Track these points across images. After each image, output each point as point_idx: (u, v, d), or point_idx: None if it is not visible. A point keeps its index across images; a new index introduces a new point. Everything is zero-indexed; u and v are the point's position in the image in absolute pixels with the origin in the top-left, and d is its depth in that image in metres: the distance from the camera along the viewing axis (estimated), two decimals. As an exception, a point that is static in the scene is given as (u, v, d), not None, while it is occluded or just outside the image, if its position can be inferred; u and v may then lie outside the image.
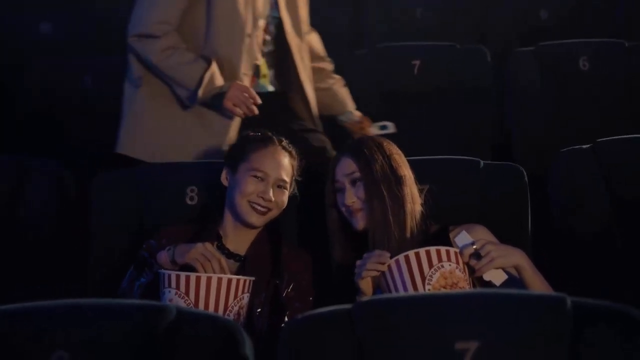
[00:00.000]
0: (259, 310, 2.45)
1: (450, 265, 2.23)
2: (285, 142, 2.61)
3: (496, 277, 2.28)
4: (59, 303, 1.74)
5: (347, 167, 2.51)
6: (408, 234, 2.44)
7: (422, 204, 2.50)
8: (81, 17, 4.60)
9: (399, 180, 2.47)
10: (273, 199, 2.52)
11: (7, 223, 2.85)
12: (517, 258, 2.31)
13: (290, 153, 2.60)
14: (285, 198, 2.56)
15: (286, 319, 2.48)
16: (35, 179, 2.89)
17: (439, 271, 2.22)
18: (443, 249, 2.25)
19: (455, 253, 2.26)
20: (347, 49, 4.32)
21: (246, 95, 2.90)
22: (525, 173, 2.76)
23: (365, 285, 2.32)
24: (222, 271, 2.35)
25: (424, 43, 4.09)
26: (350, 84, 3.40)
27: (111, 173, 2.87)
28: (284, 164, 2.56)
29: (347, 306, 1.76)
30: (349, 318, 1.74)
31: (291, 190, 2.60)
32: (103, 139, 3.72)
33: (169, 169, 2.90)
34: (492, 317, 1.72)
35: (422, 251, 2.23)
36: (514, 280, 2.31)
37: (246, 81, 3.02)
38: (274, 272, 2.54)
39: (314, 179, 2.71)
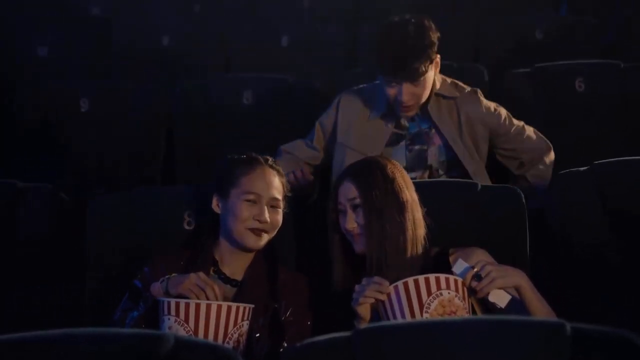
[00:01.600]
0: (257, 335, 2.44)
1: (449, 293, 2.22)
2: (271, 161, 2.60)
3: (500, 298, 2.28)
4: (57, 332, 1.72)
5: (348, 192, 2.50)
6: (408, 259, 2.43)
7: (425, 227, 2.50)
8: (77, 40, 4.61)
9: (400, 206, 2.46)
10: (269, 220, 2.51)
11: (2, 244, 2.84)
12: (517, 278, 2.31)
13: (278, 171, 2.59)
14: (279, 217, 2.55)
15: (284, 343, 2.47)
16: (29, 200, 2.87)
17: (438, 299, 2.21)
18: (442, 276, 2.24)
19: (455, 280, 2.25)
20: (343, 69, 4.33)
21: (298, 174, 3.03)
22: (522, 195, 2.76)
23: (363, 310, 2.31)
24: (217, 299, 2.35)
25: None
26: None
27: (107, 196, 2.87)
28: (275, 183, 2.55)
29: (347, 333, 1.75)
30: (349, 345, 1.73)
31: (283, 207, 2.59)
32: (99, 162, 3.75)
33: (165, 193, 2.89)
34: (491, 344, 1.71)
35: (421, 278, 2.22)
36: (516, 302, 2.31)
37: None
38: (272, 296, 2.52)
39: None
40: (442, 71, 3.89)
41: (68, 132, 3.77)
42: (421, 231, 2.48)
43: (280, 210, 2.56)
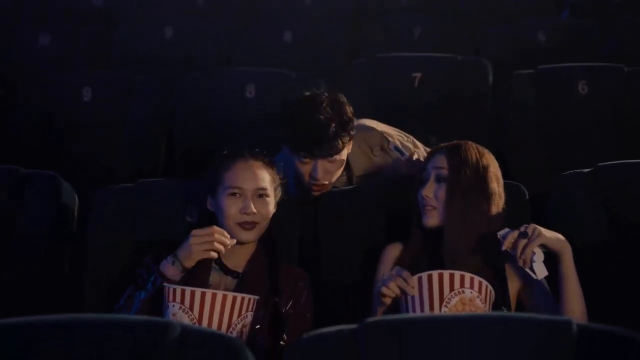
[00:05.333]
0: (257, 326, 2.44)
1: (471, 292, 2.23)
2: (256, 152, 2.59)
3: (540, 269, 2.32)
4: (62, 317, 1.72)
5: (438, 161, 2.48)
6: (478, 250, 2.41)
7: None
8: (79, 31, 4.60)
9: (487, 196, 2.44)
10: (255, 210, 2.50)
11: (5, 231, 2.82)
12: (561, 239, 2.36)
13: (262, 160, 2.58)
14: (269, 206, 2.54)
15: (285, 336, 2.47)
16: (33, 187, 2.86)
17: (459, 296, 2.22)
18: (468, 275, 2.24)
19: (480, 282, 2.25)
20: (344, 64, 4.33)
21: None
22: (526, 192, 2.77)
23: (385, 297, 2.30)
24: (226, 239, 2.41)
25: (424, 54, 4.10)
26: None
27: (110, 188, 2.86)
28: (258, 172, 2.55)
29: (352, 326, 1.75)
30: (354, 338, 1.74)
31: (278, 196, 2.59)
32: (101, 152, 3.74)
33: (167, 185, 2.88)
34: (498, 340, 1.72)
35: (446, 273, 2.24)
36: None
37: None
38: (272, 289, 2.52)
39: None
40: (444, 66, 3.91)
41: (70, 121, 3.76)
42: (495, 226, 2.43)
43: (270, 199, 2.55)
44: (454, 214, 2.42)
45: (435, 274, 2.23)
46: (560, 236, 2.38)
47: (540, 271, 2.32)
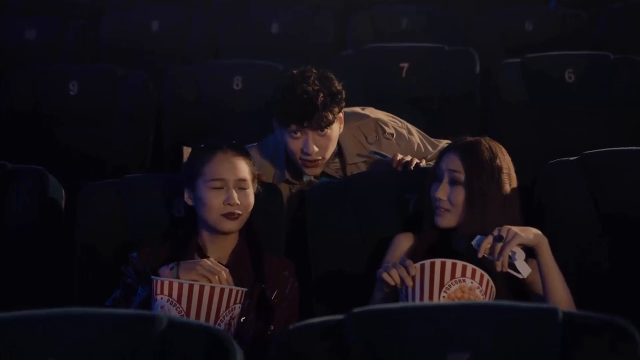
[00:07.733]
0: (243, 318, 2.44)
1: (472, 282, 2.24)
2: (233, 144, 2.59)
3: (523, 268, 2.31)
4: (49, 312, 1.72)
5: (452, 163, 2.46)
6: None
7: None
8: (66, 24, 4.59)
9: (503, 198, 2.43)
10: (238, 202, 2.50)
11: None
12: (536, 233, 2.34)
13: (239, 152, 2.58)
14: (249, 198, 2.54)
15: (272, 326, 2.48)
16: (19, 182, 2.84)
17: (459, 284, 2.23)
18: (470, 266, 2.25)
19: (482, 274, 2.26)
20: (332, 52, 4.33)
21: None
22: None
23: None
24: (228, 283, 2.37)
25: (412, 44, 4.10)
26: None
27: (97, 183, 2.85)
28: (238, 164, 2.55)
29: (339, 316, 1.76)
30: (341, 328, 1.74)
31: (255, 187, 2.59)
32: (90, 146, 3.74)
33: (154, 180, 2.88)
34: (484, 328, 1.72)
35: (448, 262, 2.25)
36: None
37: None
38: (257, 280, 2.53)
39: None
40: (431, 56, 3.91)
41: (57, 116, 3.75)
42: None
43: (249, 191, 2.55)
44: (473, 219, 2.42)
45: (437, 261, 2.24)
46: (535, 230, 2.37)
47: (524, 269, 2.33)
